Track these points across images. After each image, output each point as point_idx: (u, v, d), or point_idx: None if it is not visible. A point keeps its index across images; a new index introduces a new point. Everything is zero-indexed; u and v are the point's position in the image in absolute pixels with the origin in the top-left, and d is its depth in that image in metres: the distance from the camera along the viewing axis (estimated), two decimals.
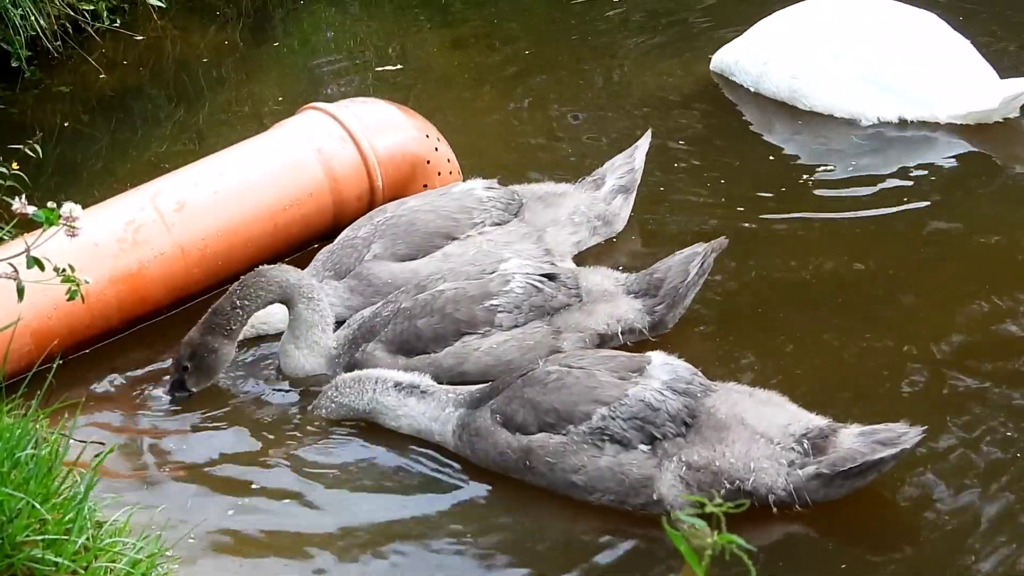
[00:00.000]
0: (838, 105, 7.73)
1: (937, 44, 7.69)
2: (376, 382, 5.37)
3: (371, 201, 6.55)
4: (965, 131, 7.49)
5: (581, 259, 6.33)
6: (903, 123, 7.62)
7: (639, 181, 6.48)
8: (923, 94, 7.60)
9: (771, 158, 7.38)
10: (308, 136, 6.51)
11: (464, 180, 6.62)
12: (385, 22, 9.28)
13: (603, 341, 5.67)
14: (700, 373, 5.11)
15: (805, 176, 7.16)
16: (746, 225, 6.66)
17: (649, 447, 4.92)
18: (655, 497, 4.88)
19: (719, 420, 4.94)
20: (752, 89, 7.99)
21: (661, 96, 8.03)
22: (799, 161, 7.34)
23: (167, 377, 5.67)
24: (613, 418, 4.95)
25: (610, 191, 6.42)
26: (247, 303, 5.58)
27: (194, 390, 5.60)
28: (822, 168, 7.26)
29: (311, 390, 5.64)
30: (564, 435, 4.99)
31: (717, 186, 7.07)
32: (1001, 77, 7.55)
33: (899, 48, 7.67)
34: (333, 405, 5.42)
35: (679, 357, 5.18)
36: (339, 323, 5.87)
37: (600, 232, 6.44)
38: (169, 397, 5.61)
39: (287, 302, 5.65)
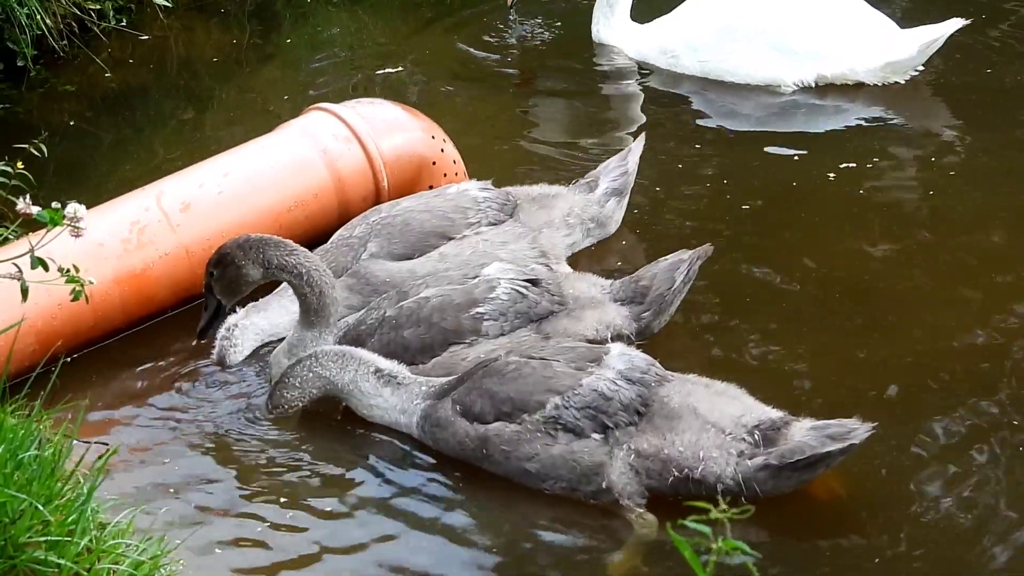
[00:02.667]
0: (755, 76, 7.97)
1: (835, 3, 7.99)
2: (359, 363, 5.35)
3: (376, 202, 6.52)
4: (882, 95, 7.88)
5: (574, 260, 6.34)
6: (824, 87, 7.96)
7: (632, 184, 6.48)
8: (838, 52, 7.91)
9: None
10: (313, 137, 6.50)
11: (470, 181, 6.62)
12: (392, 22, 9.28)
13: None
14: (657, 364, 5.15)
15: (771, 169, 7.32)
16: (718, 221, 6.80)
17: (601, 435, 4.97)
18: (604, 485, 4.94)
19: (671, 409, 4.99)
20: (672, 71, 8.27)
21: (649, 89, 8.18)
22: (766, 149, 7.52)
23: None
24: (566, 407, 5.00)
25: (603, 193, 6.42)
26: (293, 268, 5.50)
27: (224, 303, 5.60)
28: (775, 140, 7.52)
29: None
30: (519, 424, 5.03)
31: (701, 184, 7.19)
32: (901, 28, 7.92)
33: (802, 13, 7.95)
34: (311, 375, 5.35)
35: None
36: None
37: (594, 234, 6.45)
38: (206, 310, 5.64)
39: (310, 312, 5.56)
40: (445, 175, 6.65)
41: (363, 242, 6.06)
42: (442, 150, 6.68)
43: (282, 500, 5.11)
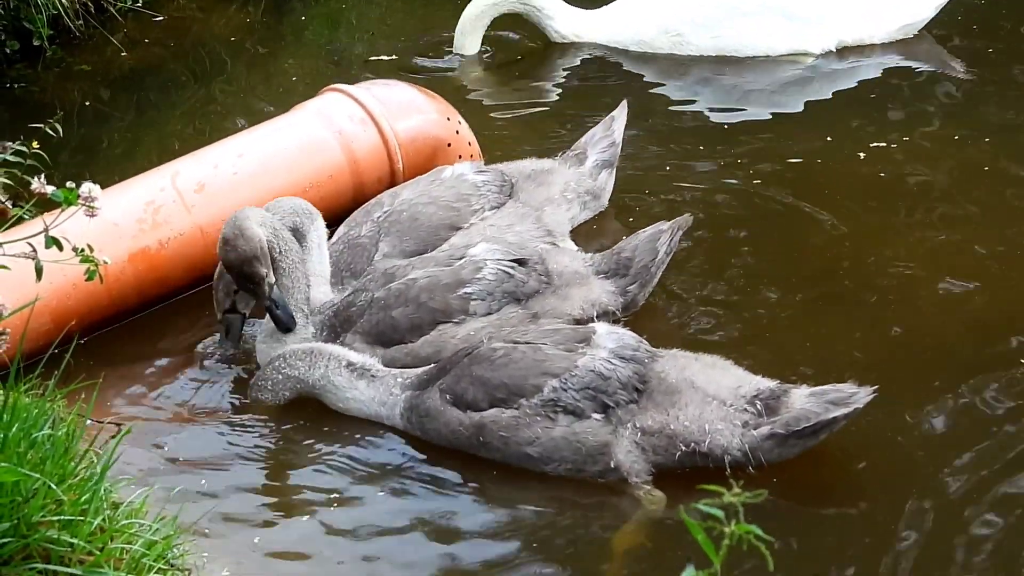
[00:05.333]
0: (777, 48, 8.01)
1: None
2: (329, 359, 5.32)
3: (391, 184, 6.52)
4: (897, 50, 8.14)
5: (573, 235, 6.36)
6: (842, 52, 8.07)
7: (619, 154, 6.52)
8: (857, 17, 8.07)
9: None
10: (329, 118, 6.49)
11: (485, 163, 6.60)
12: (408, 3, 9.27)
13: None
14: (645, 340, 5.16)
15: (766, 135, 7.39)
16: (704, 191, 6.87)
17: (602, 415, 4.97)
18: (612, 464, 4.94)
19: (670, 384, 5.00)
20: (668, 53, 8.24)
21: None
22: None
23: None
24: (564, 389, 5.00)
25: (594, 166, 6.46)
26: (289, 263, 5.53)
27: (245, 312, 5.61)
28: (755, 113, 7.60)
29: None
30: (516, 409, 5.02)
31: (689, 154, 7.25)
32: None
33: None
34: (280, 377, 5.34)
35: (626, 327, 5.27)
36: None
37: (590, 207, 6.49)
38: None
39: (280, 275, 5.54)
40: (460, 157, 6.64)
41: (374, 242, 6.00)
42: (457, 132, 6.67)
43: (293, 482, 5.12)
